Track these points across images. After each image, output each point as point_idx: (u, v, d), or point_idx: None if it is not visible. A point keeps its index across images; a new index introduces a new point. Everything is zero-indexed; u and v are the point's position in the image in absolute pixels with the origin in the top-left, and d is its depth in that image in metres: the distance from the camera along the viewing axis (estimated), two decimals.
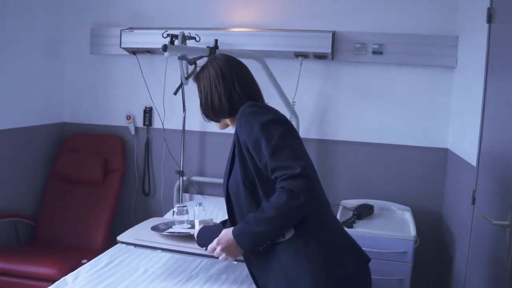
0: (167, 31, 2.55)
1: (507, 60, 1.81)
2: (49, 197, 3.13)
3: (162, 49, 2.10)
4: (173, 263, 2.15)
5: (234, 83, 1.55)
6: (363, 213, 2.62)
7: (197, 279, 2.01)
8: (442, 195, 2.84)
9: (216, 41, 2.61)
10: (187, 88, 2.79)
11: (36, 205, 3.15)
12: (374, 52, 2.79)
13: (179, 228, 2.06)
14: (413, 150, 2.87)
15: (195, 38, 2.73)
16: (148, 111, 3.23)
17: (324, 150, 2.98)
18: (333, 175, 2.95)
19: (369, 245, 2.12)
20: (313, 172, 1.37)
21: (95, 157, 3.16)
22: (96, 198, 3.07)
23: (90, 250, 2.79)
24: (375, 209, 2.72)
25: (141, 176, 3.30)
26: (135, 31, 3.04)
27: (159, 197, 3.28)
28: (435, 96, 2.82)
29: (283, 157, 1.35)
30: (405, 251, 2.34)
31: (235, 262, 1.55)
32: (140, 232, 2.12)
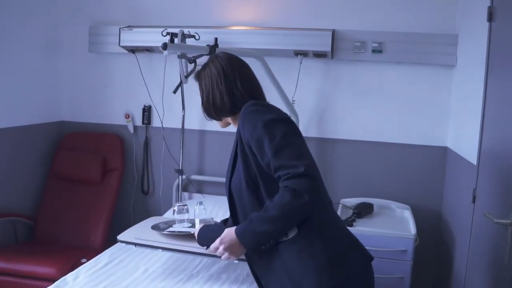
0: (166, 30, 2.54)
1: (508, 59, 1.81)
2: (48, 196, 3.12)
3: (162, 47, 2.09)
4: (173, 262, 2.14)
5: (236, 81, 1.55)
6: (363, 211, 2.62)
7: (198, 278, 2.00)
8: (442, 193, 2.84)
9: (216, 39, 2.60)
10: (186, 86, 2.78)
11: (34, 204, 3.14)
12: (373, 51, 2.79)
13: (179, 227, 2.04)
14: (412, 148, 2.87)
15: (194, 37, 2.72)
16: (147, 110, 3.22)
17: (324, 148, 2.98)
18: (332, 173, 2.95)
19: (369, 244, 2.11)
20: (316, 171, 1.36)
21: (93, 156, 3.15)
22: (95, 197, 3.06)
23: (89, 249, 2.79)
24: (374, 207, 2.72)
25: (140, 175, 3.29)
26: (134, 30, 3.03)
27: (158, 196, 3.27)
28: (434, 95, 2.82)
29: (286, 156, 1.34)
30: (405, 249, 2.34)
31: (236, 261, 1.55)
32: (140, 231, 2.10)
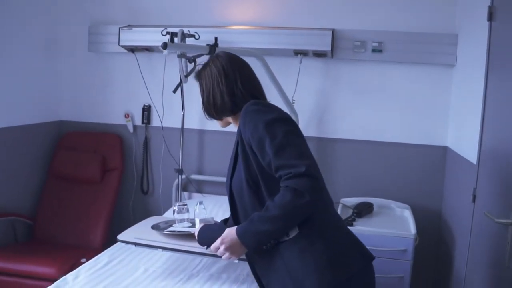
0: (166, 29, 2.54)
1: (508, 58, 1.81)
2: (47, 195, 3.11)
3: (162, 47, 2.09)
4: (173, 262, 2.14)
5: (236, 80, 1.54)
6: (363, 211, 2.62)
7: (198, 278, 2.00)
8: (442, 193, 2.84)
9: (216, 39, 2.59)
10: (186, 86, 2.78)
11: (33, 203, 3.13)
12: (373, 50, 2.79)
13: (179, 226, 2.04)
14: (412, 148, 2.87)
15: (194, 36, 2.72)
16: (146, 109, 3.22)
17: (324, 148, 2.98)
18: (332, 173, 2.95)
19: (369, 243, 2.09)
20: (317, 171, 1.36)
21: (93, 155, 3.14)
22: (94, 196, 3.05)
23: (89, 249, 2.78)
24: (374, 207, 2.72)
25: (140, 174, 3.28)
26: (133, 29, 3.02)
27: (157, 195, 3.27)
28: (434, 94, 2.82)
29: (287, 156, 1.34)
30: (405, 249, 2.34)
31: (237, 261, 1.55)
32: (140, 231, 2.10)
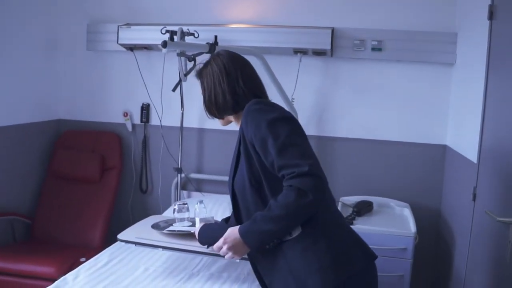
0: (165, 27, 2.53)
1: (508, 57, 1.81)
2: (46, 195, 3.10)
3: (162, 45, 2.08)
4: (174, 261, 2.13)
5: (238, 79, 1.54)
6: (363, 209, 2.62)
7: (198, 277, 2.00)
8: (441, 191, 2.85)
9: (215, 37, 2.59)
10: (185, 84, 2.77)
11: (32, 203, 3.12)
12: (373, 49, 2.79)
13: (179, 226, 2.04)
14: (411, 146, 2.87)
15: (193, 35, 2.71)
16: (145, 108, 3.21)
17: (323, 146, 2.98)
18: (332, 171, 2.95)
19: (369, 242, 2.07)
20: (320, 170, 1.36)
21: (91, 154, 3.13)
22: (93, 195, 3.04)
23: (88, 248, 2.78)
24: (374, 205, 2.72)
25: (139, 173, 3.27)
26: (132, 27, 3.01)
27: (156, 194, 3.26)
28: (433, 93, 2.83)
29: (290, 155, 1.33)
30: (405, 247, 2.34)
31: (238, 260, 1.54)
32: (140, 230, 2.09)
